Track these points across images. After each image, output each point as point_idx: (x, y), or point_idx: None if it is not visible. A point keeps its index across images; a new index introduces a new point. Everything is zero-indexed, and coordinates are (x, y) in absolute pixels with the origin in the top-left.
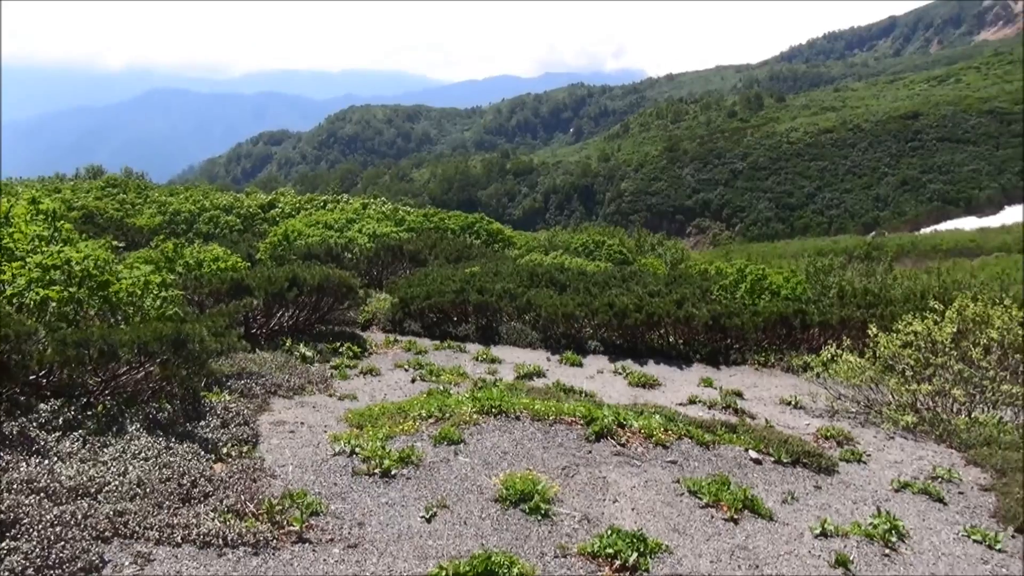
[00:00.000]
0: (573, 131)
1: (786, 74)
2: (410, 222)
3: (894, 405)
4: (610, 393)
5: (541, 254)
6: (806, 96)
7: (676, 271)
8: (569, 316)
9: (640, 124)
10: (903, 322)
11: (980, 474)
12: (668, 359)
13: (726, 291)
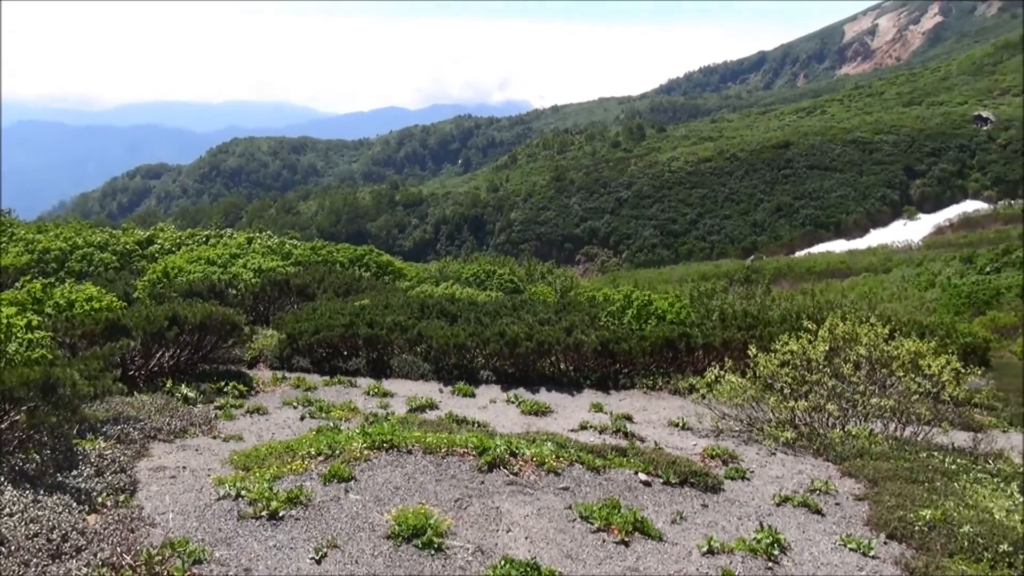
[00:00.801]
0: (461, 162)
1: (666, 106)
2: (297, 256)
3: (774, 422)
4: (503, 422)
5: (432, 285)
6: (685, 127)
7: (566, 299)
8: (461, 347)
9: (527, 155)
10: (780, 342)
11: (854, 484)
12: (559, 386)
13: (614, 317)
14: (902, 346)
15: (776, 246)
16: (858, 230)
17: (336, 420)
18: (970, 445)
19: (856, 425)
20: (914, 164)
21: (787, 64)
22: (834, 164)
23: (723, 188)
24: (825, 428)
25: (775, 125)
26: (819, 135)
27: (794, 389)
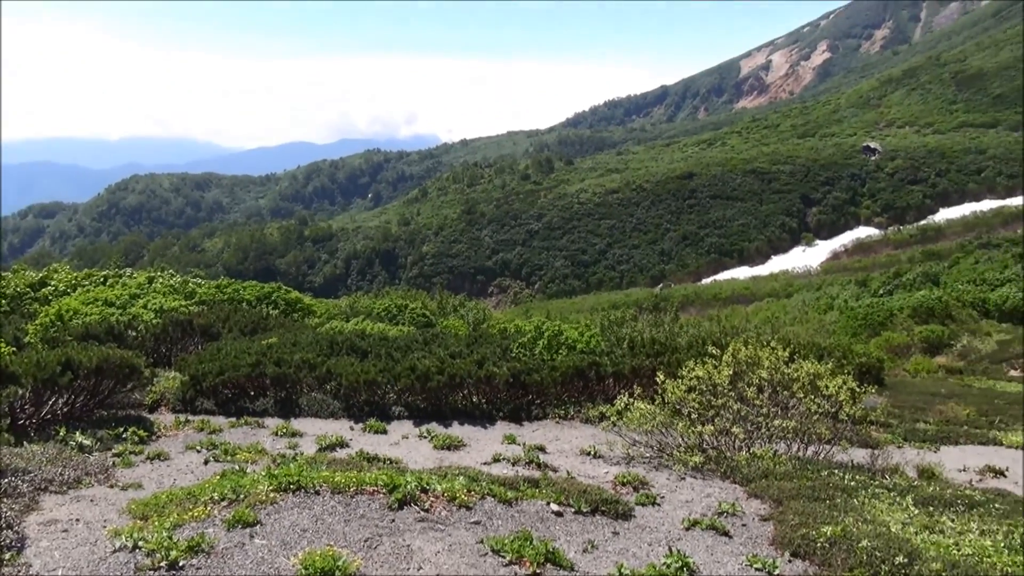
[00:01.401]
0: (372, 196)
1: (573, 139)
2: (201, 294)
3: (683, 447)
4: (415, 458)
5: (342, 321)
6: (592, 159)
7: (478, 331)
8: (371, 383)
9: (438, 188)
10: (687, 368)
11: (760, 505)
12: (472, 419)
13: (525, 348)
14: (801, 368)
15: (683, 274)
16: (760, 257)
17: (242, 463)
18: (868, 461)
19: (761, 447)
20: (810, 193)
21: (688, 97)
22: (735, 194)
23: (631, 218)
24: (732, 451)
25: (678, 156)
26: (720, 166)
27: (701, 414)
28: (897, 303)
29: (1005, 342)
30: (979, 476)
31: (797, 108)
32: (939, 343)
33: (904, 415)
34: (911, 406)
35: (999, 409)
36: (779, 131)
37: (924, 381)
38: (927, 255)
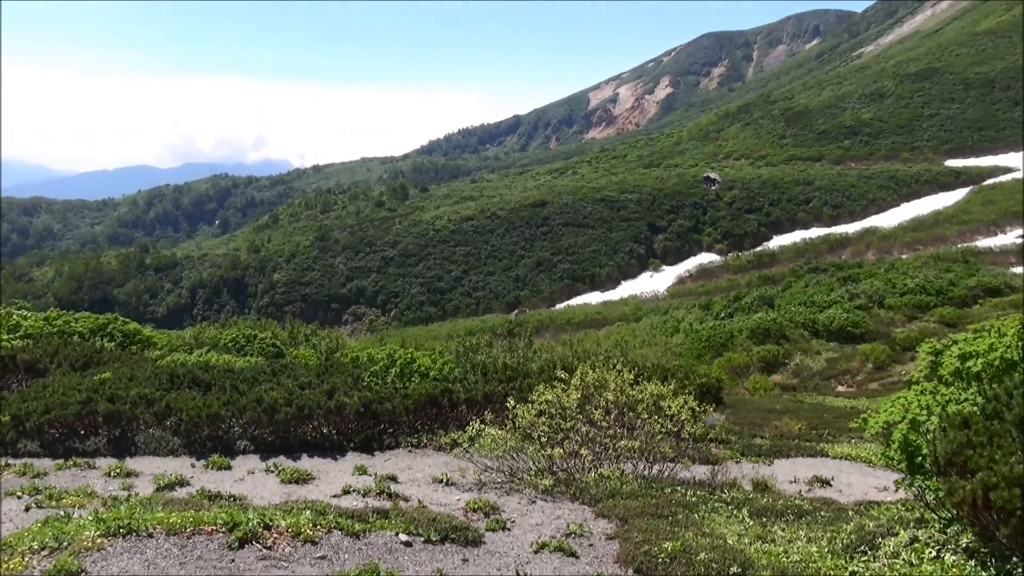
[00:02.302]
0: (219, 223)
1: (428, 166)
2: (27, 327)
3: (534, 471)
4: (261, 493)
5: (185, 353)
6: (447, 186)
7: (330, 360)
8: (215, 417)
9: (289, 215)
10: (537, 392)
11: (607, 524)
12: (322, 451)
13: (377, 377)
14: (646, 390)
15: (538, 299)
16: (611, 282)
17: (68, 508)
18: (708, 477)
19: (609, 467)
20: (656, 220)
21: (540, 127)
22: (586, 221)
23: (486, 245)
24: (581, 472)
25: (531, 185)
26: (572, 194)
27: (551, 437)
28: (737, 325)
29: (833, 359)
30: (808, 486)
31: (643, 140)
32: (775, 362)
33: (743, 431)
34: (749, 422)
35: (827, 423)
36: (626, 161)
37: (762, 398)
38: (763, 279)
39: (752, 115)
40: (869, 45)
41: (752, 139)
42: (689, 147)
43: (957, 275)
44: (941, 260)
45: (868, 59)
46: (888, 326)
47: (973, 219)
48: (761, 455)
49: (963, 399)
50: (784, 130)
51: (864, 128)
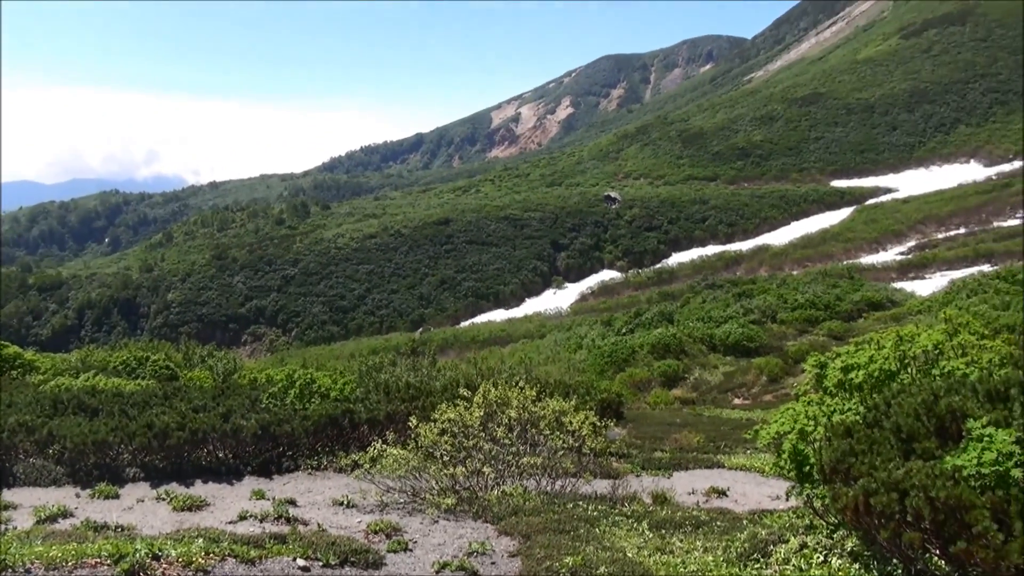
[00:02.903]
0: (109, 241)
1: (329, 183)
2: None
3: (436, 490)
4: (152, 523)
5: (71, 378)
6: (349, 204)
7: (227, 382)
8: (102, 443)
9: (185, 232)
10: (439, 411)
11: (510, 542)
12: (218, 476)
13: (276, 398)
14: (548, 406)
15: (442, 317)
16: (515, 300)
17: None
18: (609, 491)
19: (512, 484)
20: (559, 238)
21: (443, 146)
22: (490, 239)
23: (389, 263)
24: (484, 491)
25: (435, 203)
26: (475, 212)
27: (453, 456)
28: (638, 341)
29: (730, 373)
30: (705, 497)
31: (545, 159)
32: (675, 376)
33: (644, 445)
34: (650, 436)
35: (724, 435)
36: (529, 180)
37: (662, 412)
38: (663, 296)
39: (650, 136)
40: (759, 70)
41: (651, 159)
42: (590, 166)
43: (843, 290)
44: (828, 276)
45: (758, 83)
46: (781, 340)
47: (857, 237)
48: (661, 468)
49: (846, 409)
50: (681, 151)
51: (756, 150)
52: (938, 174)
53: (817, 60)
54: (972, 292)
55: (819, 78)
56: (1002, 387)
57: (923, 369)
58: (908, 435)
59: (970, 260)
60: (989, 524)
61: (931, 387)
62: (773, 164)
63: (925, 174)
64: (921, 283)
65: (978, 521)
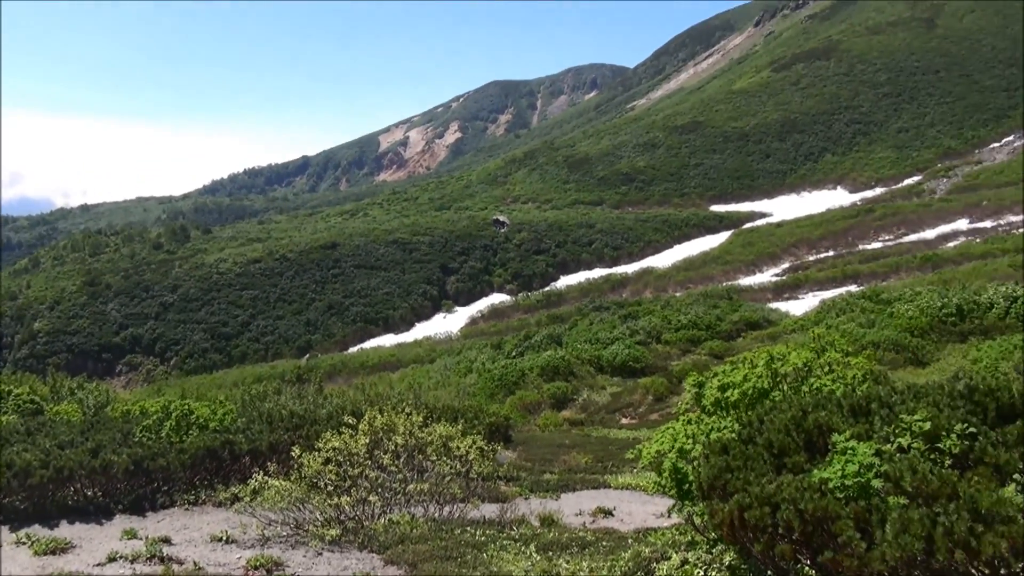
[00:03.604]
0: None
1: (211, 207)
2: None
3: (320, 521)
4: (10, 569)
5: None
6: (232, 228)
7: (98, 416)
8: None
9: (53, 257)
10: (324, 440)
11: (396, 571)
12: (85, 516)
13: (150, 431)
14: (435, 431)
15: (330, 343)
16: (405, 324)
17: None
18: (498, 515)
19: (399, 512)
20: (448, 262)
21: (330, 169)
22: (379, 263)
23: (274, 289)
24: (370, 520)
25: (322, 227)
26: (363, 236)
27: (338, 485)
28: (528, 363)
29: (617, 393)
30: (592, 517)
31: (434, 183)
32: (564, 398)
33: (533, 467)
34: (540, 458)
35: (612, 454)
36: (418, 204)
37: (552, 434)
38: (551, 318)
39: (538, 161)
40: (641, 99)
41: (538, 183)
42: (479, 190)
43: (723, 311)
44: (709, 297)
45: (641, 111)
46: (665, 360)
47: (735, 259)
48: (549, 490)
49: (723, 427)
50: (567, 175)
51: (639, 175)
52: (808, 200)
53: (695, 90)
54: (841, 311)
55: (697, 107)
56: (864, 402)
57: (794, 386)
58: (780, 450)
59: (839, 281)
60: (853, 533)
61: (800, 403)
62: (656, 189)
63: (796, 200)
64: (795, 303)
65: (843, 531)
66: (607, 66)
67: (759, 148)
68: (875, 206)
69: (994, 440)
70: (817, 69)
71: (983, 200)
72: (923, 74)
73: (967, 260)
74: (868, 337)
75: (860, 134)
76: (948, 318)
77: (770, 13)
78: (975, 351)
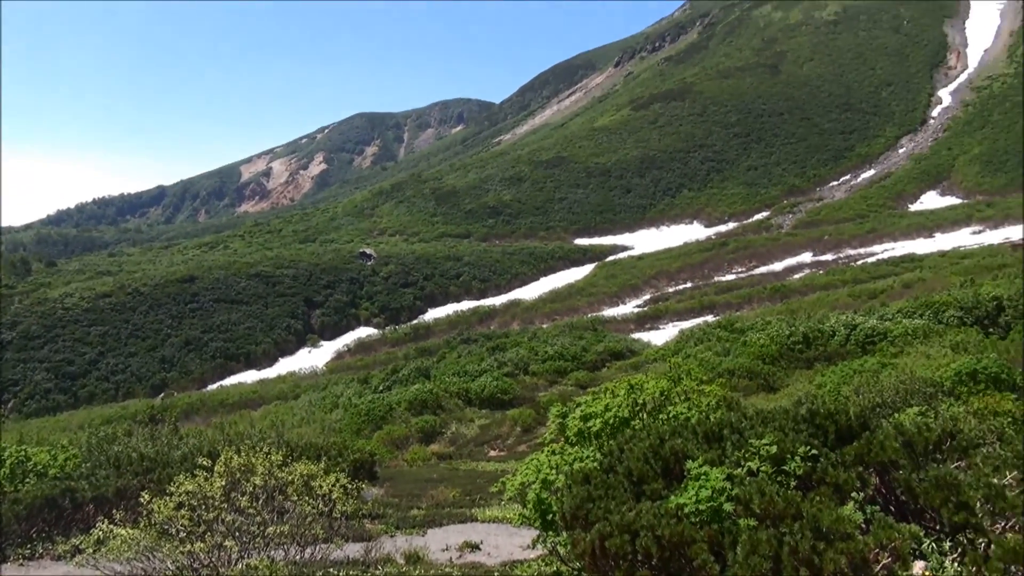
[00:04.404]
0: None
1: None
2: None
3: (172, 571)
4: None
5: None
6: (80, 260)
7: None
8: None
9: None
10: (176, 483)
11: None
12: None
13: None
14: (296, 470)
15: (187, 381)
16: (267, 360)
17: None
18: (362, 554)
19: (258, 556)
20: (313, 295)
21: (188, 199)
22: (240, 297)
23: (126, 324)
24: (226, 566)
25: (179, 259)
26: (223, 269)
27: (192, 531)
28: (396, 398)
29: (486, 426)
30: (459, 552)
31: (298, 215)
32: (433, 432)
33: (400, 503)
34: (407, 494)
35: (480, 487)
36: (281, 236)
37: (420, 469)
38: (420, 351)
39: (405, 193)
40: (507, 134)
41: (405, 216)
42: (345, 223)
43: (588, 342)
44: (575, 328)
45: (507, 146)
46: (533, 391)
47: (599, 291)
48: (415, 526)
49: (585, 457)
50: (435, 208)
51: (506, 208)
52: (667, 233)
53: (559, 126)
54: (698, 340)
55: (561, 143)
56: (717, 428)
57: (652, 414)
58: (639, 478)
59: (696, 311)
60: (707, 557)
61: (658, 431)
62: (522, 222)
63: (656, 233)
64: (656, 333)
65: (698, 555)
66: (474, 101)
67: (620, 183)
68: (728, 240)
69: (834, 461)
70: (673, 109)
71: (824, 235)
72: (769, 116)
73: (811, 291)
74: (724, 365)
75: (714, 171)
76: (796, 346)
77: (629, 54)
78: (820, 376)
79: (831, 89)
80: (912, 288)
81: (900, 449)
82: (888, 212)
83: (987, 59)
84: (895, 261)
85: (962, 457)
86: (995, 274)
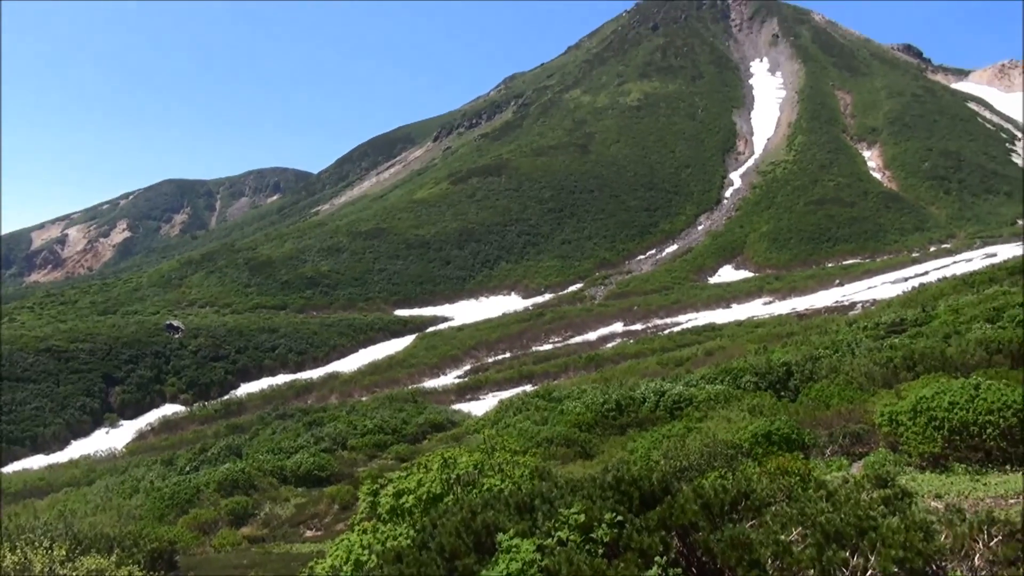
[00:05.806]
0: None
1: None
2: None
3: None
4: None
5: None
6: None
7: None
8: None
9: None
10: None
11: None
12: None
13: None
14: (82, 566)
15: None
16: (58, 443)
17: None
18: None
19: None
20: (113, 371)
21: None
22: (27, 375)
23: None
24: None
25: None
26: (9, 344)
27: None
28: (203, 479)
29: (302, 505)
30: None
31: (97, 285)
32: (244, 514)
33: None
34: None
35: (293, 571)
36: (77, 307)
37: (228, 555)
38: (231, 428)
39: (217, 263)
40: (325, 204)
41: (217, 287)
42: (150, 293)
43: (409, 414)
44: (395, 401)
45: (325, 216)
46: (352, 466)
47: (420, 362)
48: None
49: (399, 534)
50: (249, 279)
51: (324, 279)
52: (486, 304)
53: (378, 198)
54: (518, 410)
55: (381, 214)
56: (528, 499)
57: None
58: (451, 553)
59: (515, 381)
60: None
61: (471, 505)
62: (341, 293)
63: (475, 304)
64: (477, 403)
65: None
66: (290, 170)
67: (440, 255)
68: (545, 311)
69: (639, 526)
70: (490, 184)
71: (634, 305)
72: (580, 193)
73: (623, 359)
74: (542, 434)
75: (530, 244)
76: (609, 413)
77: (447, 130)
78: (632, 442)
79: (636, 169)
80: (713, 355)
81: (699, 511)
82: (690, 284)
83: (770, 146)
84: (698, 330)
85: (755, 516)
86: (784, 341)
